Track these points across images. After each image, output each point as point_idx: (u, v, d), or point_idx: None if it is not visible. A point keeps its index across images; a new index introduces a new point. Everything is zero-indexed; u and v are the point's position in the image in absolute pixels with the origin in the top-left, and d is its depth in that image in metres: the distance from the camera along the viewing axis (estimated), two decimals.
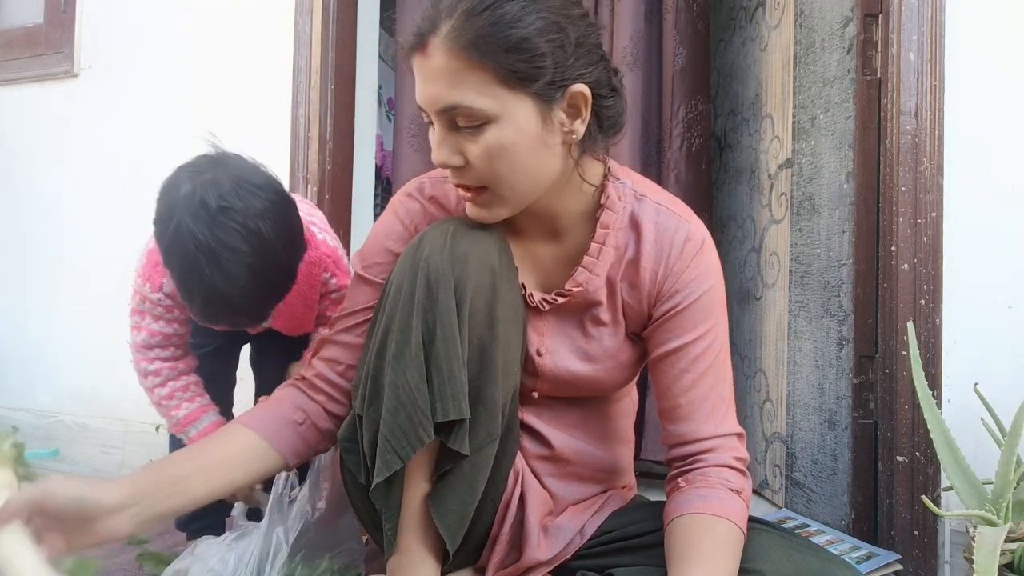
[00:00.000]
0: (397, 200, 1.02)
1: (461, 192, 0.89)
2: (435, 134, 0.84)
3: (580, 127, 0.86)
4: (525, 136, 0.83)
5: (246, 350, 1.43)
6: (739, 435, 0.93)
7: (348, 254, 1.87)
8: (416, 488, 0.91)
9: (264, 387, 1.37)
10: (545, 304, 0.97)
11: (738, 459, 0.91)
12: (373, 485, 0.87)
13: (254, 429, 0.94)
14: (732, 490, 0.88)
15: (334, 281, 1.23)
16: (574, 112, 0.85)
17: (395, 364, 0.85)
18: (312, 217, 1.24)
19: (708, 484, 0.88)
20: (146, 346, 1.18)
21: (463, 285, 0.85)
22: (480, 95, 0.80)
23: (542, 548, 0.95)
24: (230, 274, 0.95)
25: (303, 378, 1.01)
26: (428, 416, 0.84)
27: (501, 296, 0.89)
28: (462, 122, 0.82)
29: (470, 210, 0.90)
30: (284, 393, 1.00)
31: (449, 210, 0.99)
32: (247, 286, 0.97)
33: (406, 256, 0.89)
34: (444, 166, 0.85)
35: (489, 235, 0.90)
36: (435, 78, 0.81)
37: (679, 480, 0.92)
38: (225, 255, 0.94)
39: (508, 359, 0.91)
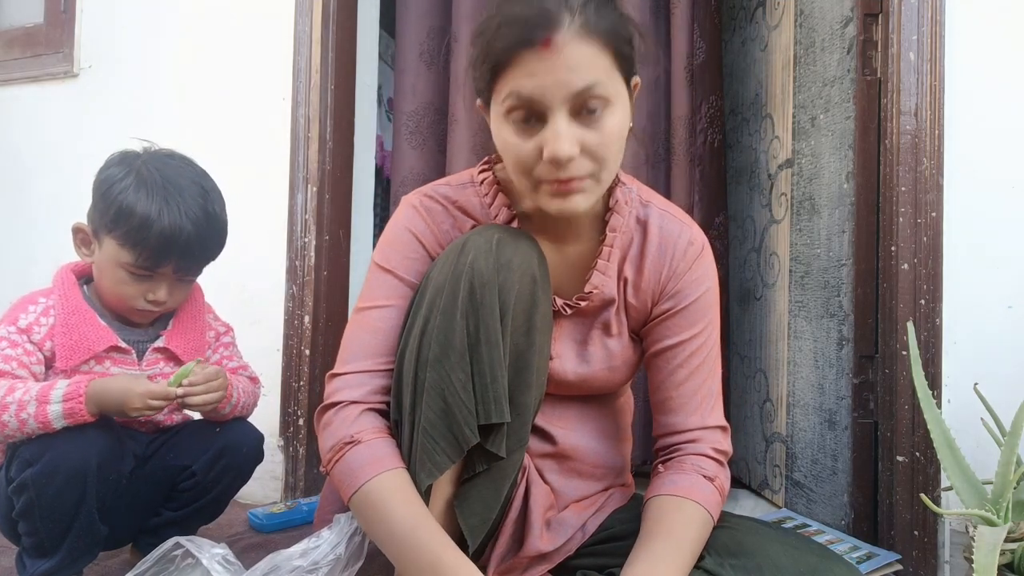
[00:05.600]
0: (415, 199, 0.99)
1: (555, 187, 0.85)
2: (554, 127, 0.82)
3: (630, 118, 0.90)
4: (626, 120, 0.88)
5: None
6: (723, 428, 0.99)
7: (348, 254, 1.87)
8: (440, 489, 0.91)
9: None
10: (568, 309, 0.98)
11: (716, 450, 0.96)
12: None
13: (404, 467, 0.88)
14: (705, 476, 0.93)
15: (218, 323, 1.33)
16: (630, 102, 0.90)
17: (438, 366, 0.84)
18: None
19: (683, 470, 0.94)
20: None
21: (507, 292, 0.86)
22: (607, 79, 0.83)
23: (544, 540, 0.96)
24: (190, 205, 1.13)
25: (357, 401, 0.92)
26: (474, 417, 0.85)
27: (539, 305, 0.90)
28: (591, 104, 0.82)
29: (558, 203, 0.86)
30: (371, 422, 0.90)
31: (473, 215, 0.98)
32: (200, 220, 1.14)
33: (447, 260, 0.88)
34: (566, 159, 0.82)
35: (530, 244, 0.91)
36: (568, 65, 0.81)
37: (659, 466, 0.98)
38: (188, 188, 1.15)
39: (540, 367, 0.92)
